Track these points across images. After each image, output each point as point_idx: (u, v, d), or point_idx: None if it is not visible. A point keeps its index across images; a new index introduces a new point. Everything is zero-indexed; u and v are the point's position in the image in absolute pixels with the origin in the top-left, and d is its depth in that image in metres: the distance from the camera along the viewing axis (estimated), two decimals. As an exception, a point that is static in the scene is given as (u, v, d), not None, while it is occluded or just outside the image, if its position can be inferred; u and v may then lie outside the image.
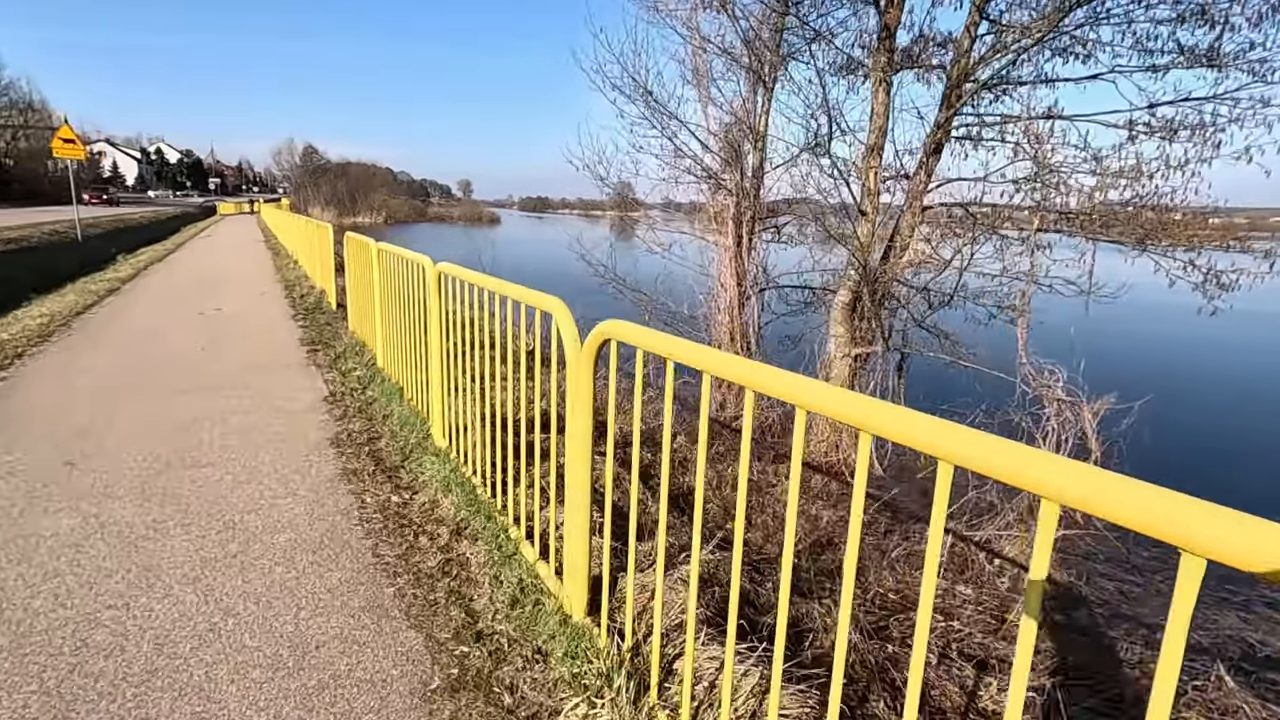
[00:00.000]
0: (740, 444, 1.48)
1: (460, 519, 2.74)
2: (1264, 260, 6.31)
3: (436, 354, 3.38)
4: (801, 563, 3.75)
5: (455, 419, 3.19)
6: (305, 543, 2.61)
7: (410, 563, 2.45)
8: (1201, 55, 6.50)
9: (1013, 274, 7.52)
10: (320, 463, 3.43)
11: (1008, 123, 7.24)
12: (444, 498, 2.94)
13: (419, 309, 3.64)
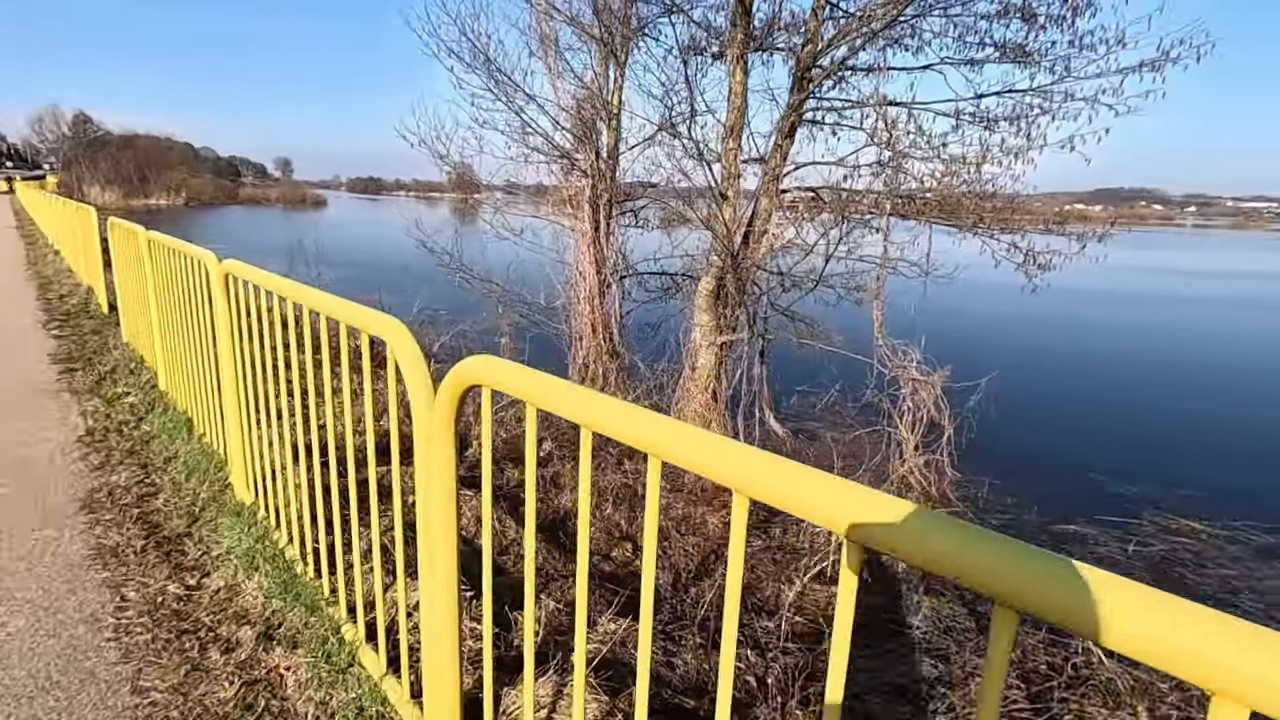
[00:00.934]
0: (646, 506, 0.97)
1: (271, 613, 2.01)
2: (1076, 242, 6.89)
3: (230, 376, 2.56)
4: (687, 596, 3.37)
5: (263, 461, 2.41)
6: (17, 686, 1.75)
7: (192, 699, 1.70)
8: (1014, 51, 6.91)
9: (866, 258, 7.68)
10: (61, 540, 2.47)
11: (853, 108, 7.36)
12: (247, 580, 2.18)
13: (203, 317, 2.77)
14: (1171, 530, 5.99)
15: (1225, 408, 10.13)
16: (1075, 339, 15.38)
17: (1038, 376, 11.47)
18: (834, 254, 6.84)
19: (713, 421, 7.29)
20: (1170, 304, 22.41)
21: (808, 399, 9.24)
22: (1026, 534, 5.84)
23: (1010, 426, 8.25)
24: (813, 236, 7.57)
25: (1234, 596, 4.98)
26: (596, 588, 2.64)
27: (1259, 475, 7.45)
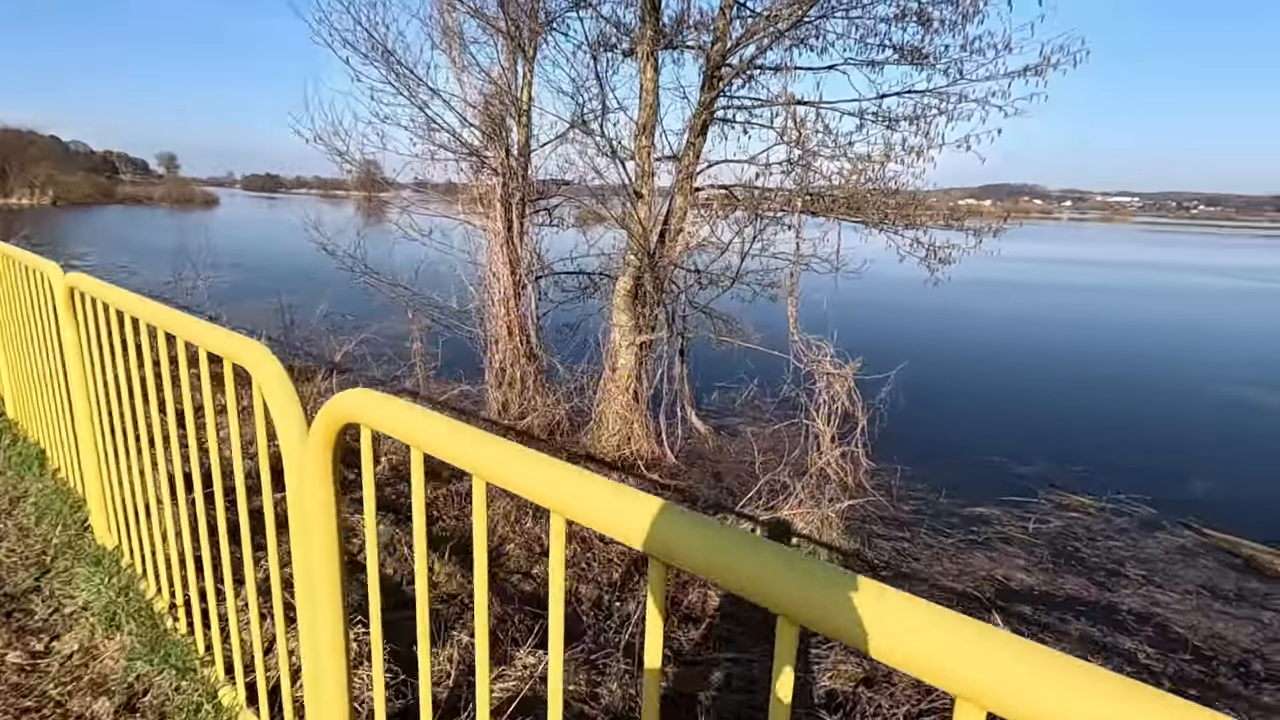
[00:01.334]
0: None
1: (135, 679, 1.75)
2: (973, 237, 7.24)
3: (84, 403, 2.25)
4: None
5: (126, 500, 2.12)
6: None
7: (29, 794, 1.44)
8: (912, 53, 7.18)
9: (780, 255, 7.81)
10: None
11: (763, 106, 7.46)
12: (107, 640, 1.90)
13: (49, 336, 2.42)
14: (1066, 506, 6.40)
15: (1109, 390, 10.98)
16: (975, 328, 16.32)
17: (942, 365, 12.05)
18: (748, 251, 6.90)
19: (635, 422, 7.22)
20: (1056, 292, 24.19)
21: (728, 395, 9.33)
22: (939, 518, 6.09)
23: (919, 414, 8.61)
24: (728, 234, 7.62)
25: (1121, 566, 5.36)
26: (515, 613, 2.49)
27: (1140, 452, 8.09)
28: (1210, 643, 4.42)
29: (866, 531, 5.79)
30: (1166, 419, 9.47)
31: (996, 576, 5.14)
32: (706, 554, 0.68)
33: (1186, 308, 21.79)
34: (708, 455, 7.41)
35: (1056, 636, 4.37)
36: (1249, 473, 7.40)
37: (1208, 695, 3.85)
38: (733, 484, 6.65)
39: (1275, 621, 4.67)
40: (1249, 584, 5.16)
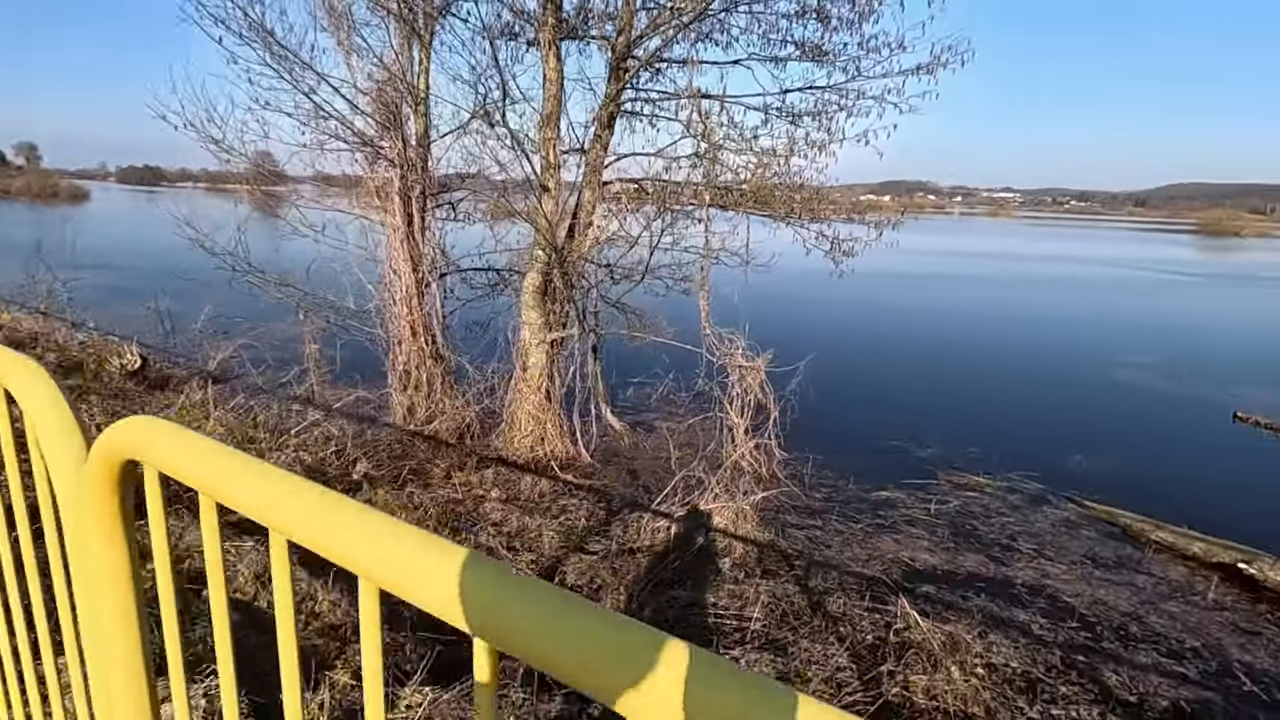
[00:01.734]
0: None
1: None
2: (874, 230, 7.47)
3: None
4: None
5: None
6: None
7: None
8: (813, 50, 7.31)
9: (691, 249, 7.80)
10: None
11: (669, 99, 7.42)
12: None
13: None
14: (963, 486, 6.71)
15: (999, 374, 11.69)
16: (877, 318, 17.02)
17: (848, 355, 12.48)
18: (658, 245, 6.84)
19: (548, 422, 7.02)
20: (950, 283, 25.65)
21: (643, 390, 9.27)
22: (848, 504, 6.25)
23: (828, 404, 8.85)
24: (638, 228, 7.54)
25: (1014, 541, 5.66)
26: (407, 642, 2.28)
27: (1027, 432, 8.63)
28: (1094, 609, 4.71)
29: (781, 522, 5.85)
30: (1051, 400, 10.15)
31: (903, 559, 5.30)
32: (407, 576, 0.59)
33: (1065, 296, 23.59)
34: (623, 452, 7.32)
35: (959, 614, 4.53)
36: (1123, 448, 8.02)
37: (1093, 660, 4.09)
38: (649, 481, 6.58)
39: (1148, 585, 5.04)
40: (1125, 551, 5.56)
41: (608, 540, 4.82)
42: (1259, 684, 3.96)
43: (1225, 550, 5.33)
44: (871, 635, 3.79)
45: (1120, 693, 3.78)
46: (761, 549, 5.25)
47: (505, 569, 0.58)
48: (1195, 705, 3.74)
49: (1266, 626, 4.60)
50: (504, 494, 5.78)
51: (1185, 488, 6.99)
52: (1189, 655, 4.23)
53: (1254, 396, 10.47)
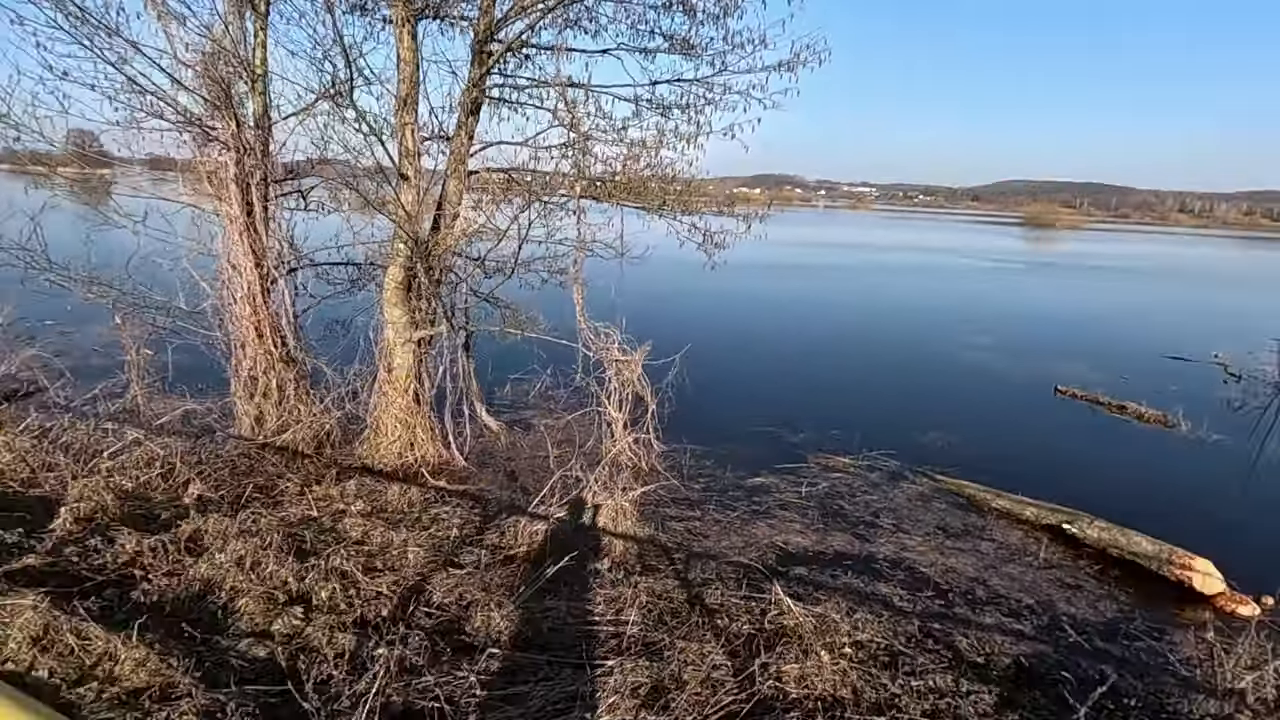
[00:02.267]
0: None
1: None
2: (743, 222, 7.63)
3: None
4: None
5: None
6: None
7: None
8: (680, 43, 7.33)
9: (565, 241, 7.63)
10: None
11: (537, 87, 7.18)
12: None
13: None
14: (830, 468, 7.04)
15: (860, 358, 12.44)
16: (749, 308, 17.64)
17: (723, 345, 12.81)
18: (528, 238, 6.61)
19: (417, 426, 6.62)
20: (816, 273, 27.10)
21: (520, 387, 9.02)
22: (725, 493, 6.36)
23: (704, 395, 8.99)
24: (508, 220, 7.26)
25: (877, 518, 6.00)
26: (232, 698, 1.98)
27: (885, 413, 9.21)
28: (946, 577, 5.07)
29: (661, 515, 5.85)
30: (904, 381, 10.94)
31: (777, 543, 5.46)
32: None
33: (914, 282, 25.61)
34: (500, 453, 7.05)
35: (829, 593, 4.72)
36: (966, 424, 8.76)
37: (946, 626, 4.39)
38: (527, 481, 6.38)
39: (991, 550, 5.50)
40: (971, 520, 6.04)
41: (482, 550, 4.58)
42: (1082, 634, 4.42)
43: (1052, 513, 5.93)
44: (748, 625, 3.84)
45: (970, 655, 4.07)
46: (641, 545, 5.22)
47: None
48: (1032, 659, 4.10)
49: (1086, 580, 5.15)
50: (368, 506, 5.37)
51: (1018, 457, 7.74)
52: (1025, 613, 4.65)
53: (1071, 371, 11.83)
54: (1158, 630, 4.53)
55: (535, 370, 9.18)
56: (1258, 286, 29.86)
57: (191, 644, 2.41)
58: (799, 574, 5.01)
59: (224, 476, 4.96)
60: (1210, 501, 6.87)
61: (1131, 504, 6.45)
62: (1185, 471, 7.66)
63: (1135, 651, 4.28)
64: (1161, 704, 3.68)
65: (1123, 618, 4.67)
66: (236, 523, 3.62)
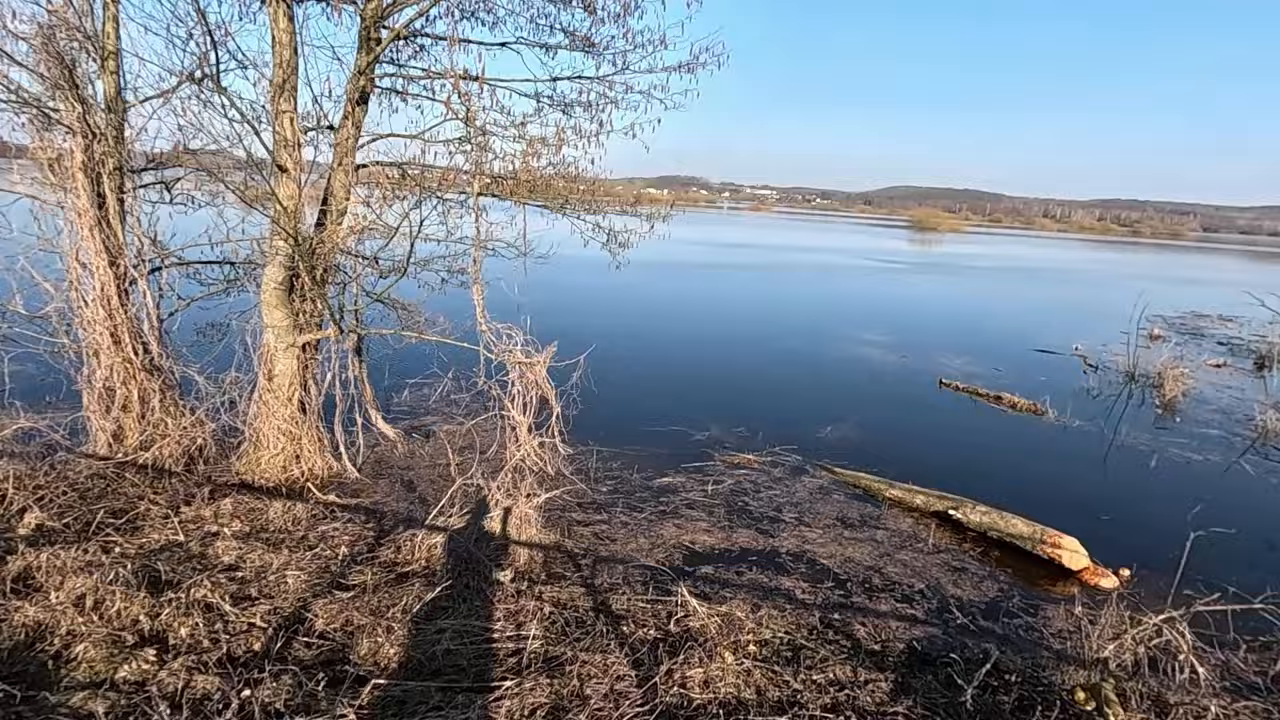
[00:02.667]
0: None
1: None
2: (646, 222, 7.62)
3: None
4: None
5: None
6: None
7: None
8: (582, 41, 7.23)
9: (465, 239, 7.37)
10: None
11: (431, 78, 6.87)
12: None
13: None
14: (736, 465, 7.14)
15: (761, 354, 12.76)
16: (656, 306, 17.76)
17: (629, 343, 12.79)
18: (420, 235, 6.30)
19: (303, 437, 6.16)
20: (720, 272, 27.68)
21: (420, 392, 8.62)
22: (633, 494, 6.31)
23: (610, 395, 8.93)
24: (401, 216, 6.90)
25: (780, 512, 6.12)
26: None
27: (786, 408, 9.47)
28: (845, 567, 5.24)
29: (567, 520, 5.73)
30: (804, 377, 11.31)
31: (684, 543, 5.46)
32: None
33: (813, 281, 26.67)
34: (397, 463, 6.69)
35: (734, 591, 4.76)
36: (861, 417, 9.14)
37: (845, 616, 4.52)
38: (427, 491, 6.08)
39: (885, 539, 5.73)
40: (867, 510, 6.28)
41: (374, 568, 4.29)
42: (967, 615, 4.67)
43: (940, 500, 6.26)
44: (654, 630, 3.79)
45: (868, 643, 4.20)
46: (546, 552, 5.08)
47: None
48: (924, 642, 4.28)
49: (971, 562, 5.46)
50: (246, 527, 4.93)
51: (909, 447, 8.15)
52: (917, 597, 4.86)
53: (954, 364, 12.64)
54: (1033, 606, 4.85)
55: (436, 374, 8.79)
56: (1108, 285, 33.12)
57: (9, 704, 2.06)
58: (706, 573, 5.03)
59: (70, 502, 4.40)
60: (1076, 483, 7.49)
61: (1009, 488, 6.94)
62: (1054, 456, 8.31)
63: (1014, 628, 4.57)
64: (1038, 677, 3.93)
65: (1003, 596, 4.98)
66: (79, 554, 3.18)
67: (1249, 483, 7.72)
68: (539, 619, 3.53)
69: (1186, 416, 10.30)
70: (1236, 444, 9.07)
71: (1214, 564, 5.40)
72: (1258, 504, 7.13)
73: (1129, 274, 40.51)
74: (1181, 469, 8.02)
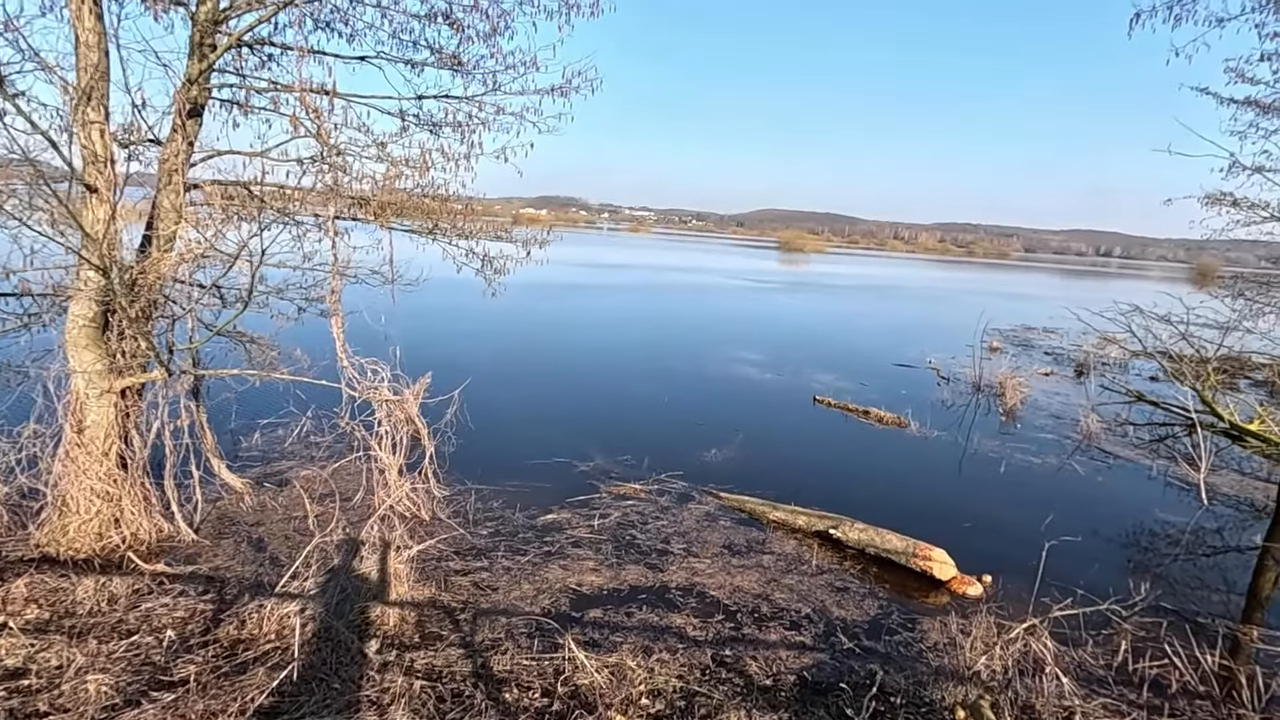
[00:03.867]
0: None
1: None
2: (522, 248, 7.35)
3: None
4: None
5: None
6: None
7: None
8: (449, 59, 6.91)
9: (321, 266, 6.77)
10: None
11: (277, 91, 6.27)
12: None
13: None
14: (622, 496, 6.97)
15: (644, 380, 12.74)
16: (536, 333, 17.38)
17: (508, 373, 12.36)
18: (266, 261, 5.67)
19: (124, 496, 5.30)
20: (600, 293, 27.69)
21: (274, 435, 7.81)
22: (515, 535, 5.95)
23: (490, 428, 8.52)
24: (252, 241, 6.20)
25: (668, 544, 6.00)
26: None
27: (670, 433, 9.44)
28: (734, 597, 5.18)
29: (444, 571, 5.28)
30: (687, 400, 11.39)
31: (571, 586, 5.19)
32: None
33: (691, 302, 27.30)
34: (245, 519, 5.94)
35: (624, 634, 4.55)
36: (742, 439, 9.29)
37: (737, 651, 4.44)
38: (280, 550, 5.41)
39: (771, 563, 5.76)
40: (753, 534, 6.31)
41: (208, 654, 3.69)
42: (852, 637, 4.73)
43: (820, 520, 6.41)
44: (540, 692, 3.50)
45: (759, 679, 4.13)
46: (421, 611, 4.63)
47: None
48: (813, 671, 4.28)
49: (852, 581, 5.59)
50: (45, 613, 4.13)
51: (789, 466, 8.35)
52: (804, 623, 4.88)
53: (825, 381, 13.26)
54: (911, 621, 5.01)
55: (293, 413, 8.01)
56: (951, 301, 36.50)
57: None
58: (595, 617, 4.78)
59: None
60: (939, 493, 7.97)
61: (883, 500, 7.25)
62: (919, 467, 8.83)
63: (896, 645, 4.67)
64: (921, 696, 4.02)
65: (883, 613, 5.11)
66: None
67: (1079, 483, 8.57)
68: (408, 700, 3.14)
69: (1025, 422, 11.36)
70: (1067, 445, 10.09)
71: (1065, 567, 5.87)
72: (1089, 503, 7.90)
73: (967, 290, 44.91)
74: (1026, 472, 8.78)
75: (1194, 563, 6.51)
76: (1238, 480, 8.97)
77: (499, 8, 6.43)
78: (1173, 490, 8.50)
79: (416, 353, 7.72)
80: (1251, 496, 8.34)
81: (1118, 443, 10.44)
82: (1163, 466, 9.41)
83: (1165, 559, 6.55)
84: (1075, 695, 3.99)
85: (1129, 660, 4.53)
